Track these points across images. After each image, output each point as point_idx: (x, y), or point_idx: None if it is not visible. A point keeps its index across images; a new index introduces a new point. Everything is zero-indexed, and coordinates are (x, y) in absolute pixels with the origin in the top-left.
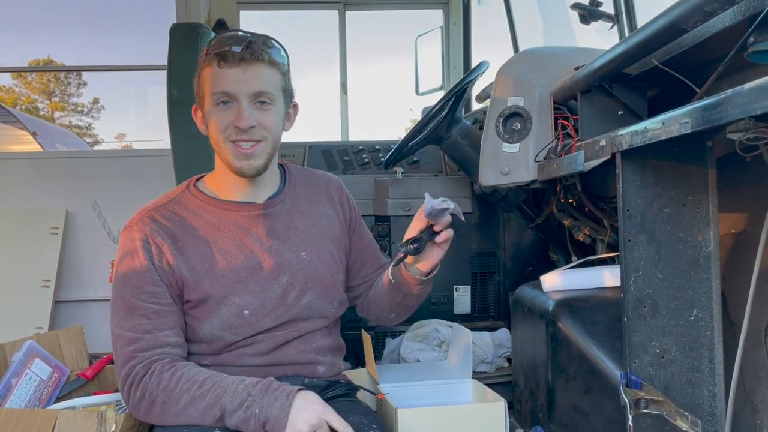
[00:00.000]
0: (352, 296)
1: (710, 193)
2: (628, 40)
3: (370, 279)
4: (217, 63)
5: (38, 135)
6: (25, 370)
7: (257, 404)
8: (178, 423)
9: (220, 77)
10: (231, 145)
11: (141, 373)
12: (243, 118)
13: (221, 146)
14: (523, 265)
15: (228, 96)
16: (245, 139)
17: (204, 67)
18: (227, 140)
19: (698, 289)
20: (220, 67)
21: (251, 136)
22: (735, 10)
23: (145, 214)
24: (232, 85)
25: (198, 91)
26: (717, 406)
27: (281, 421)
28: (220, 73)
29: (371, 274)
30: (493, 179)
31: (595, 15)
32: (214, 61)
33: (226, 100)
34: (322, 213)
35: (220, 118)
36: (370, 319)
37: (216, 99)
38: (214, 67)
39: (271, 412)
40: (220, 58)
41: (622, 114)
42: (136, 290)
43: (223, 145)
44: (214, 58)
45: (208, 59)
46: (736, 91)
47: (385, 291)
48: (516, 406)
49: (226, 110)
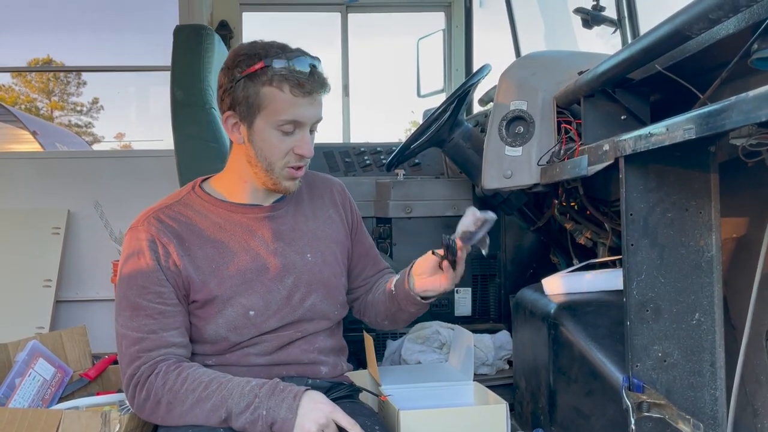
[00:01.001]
0: (351, 298)
1: (713, 197)
2: (633, 45)
3: (369, 282)
4: (290, 89)
5: (38, 134)
6: (29, 370)
7: (264, 406)
8: (183, 423)
9: (292, 105)
10: (287, 170)
11: (146, 373)
12: (309, 149)
13: (273, 168)
14: (524, 268)
15: (295, 125)
16: (301, 165)
17: (267, 85)
18: (285, 165)
19: (700, 293)
20: (294, 95)
21: (307, 162)
22: (739, 17)
23: (151, 214)
24: (303, 115)
25: (247, 101)
26: (718, 409)
27: (289, 422)
28: (293, 101)
29: (370, 278)
30: (495, 182)
31: (597, 20)
32: (286, 85)
33: (290, 129)
34: (325, 216)
35: (281, 144)
36: (364, 320)
37: (281, 125)
38: (285, 91)
39: (279, 413)
40: (295, 85)
41: (624, 119)
42: (142, 290)
43: (277, 168)
44: (285, 82)
45: (277, 80)
46: (741, 98)
47: (384, 298)
48: (517, 409)
49: (288, 137)
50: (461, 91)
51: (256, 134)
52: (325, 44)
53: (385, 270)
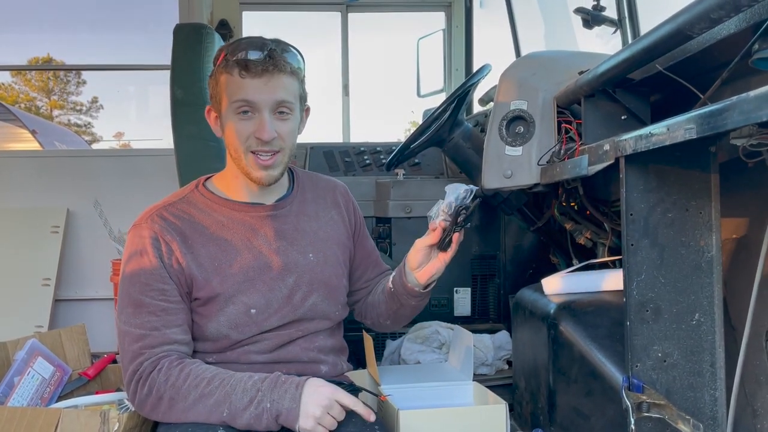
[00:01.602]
0: (352, 300)
1: (713, 198)
2: (634, 45)
3: (370, 285)
4: (239, 72)
5: (37, 133)
6: (28, 369)
7: (268, 398)
8: (185, 420)
9: (241, 86)
10: (251, 156)
11: (149, 369)
12: (266, 131)
13: (240, 155)
14: (524, 268)
15: (249, 105)
16: (265, 150)
17: (222, 73)
18: (247, 151)
19: (700, 294)
20: (242, 77)
21: (271, 147)
22: (740, 17)
23: (154, 212)
24: (254, 95)
25: (214, 94)
26: (718, 410)
27: (294, 412)
28: (242, 83)
29: (372, 279)
30: (496, 182)
31: (598, 20)
32: (235, 69)
33: (246, 109)
34: (328, 217)
35: (240, 128)
36: (366, 323)
37: (236, 107)
38: (234, 75)
39: (283, 404)
40: (242, 67)
41: (625, 119)
42: (145, 287)
43: (243, 155)
44: (235, 66)
45: (228, 66)
46: (742, 98)
47: (385, 298)
48: (516, 409)
49: (246, 120)
50: (461, 90)
51: (224, 123)
52: (325, 44)
53: (386, 272)
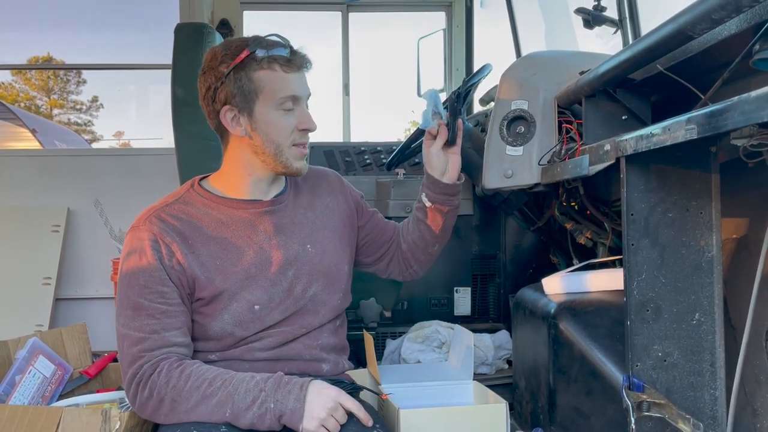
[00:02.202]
0: (383, 265)
1: (713, 198)
2: (635, 45)
3: (393, 241)
4: (281, 67)
5: (37, 132)
6: (29, 367)
7: (271, 399)
8: (187, 420)
9: (286, 81)
10: (294, 148)
11: (149, 371)
12: (312, 121)
13: (282, 149)
14: (524, 268)
15: (295, 100)
16: (306, 142)
17: (258, 70)
18: (291, 144)
19: (700, 294)
20: (285, 72)
21: (308, 138)
22: (741, 18)
23: (153, 213)
24: (299, 89)
25: (241, 91)
26: (718, 409)
27: (298, 413)
28: (286, 78)
29: (391, 238)
30: (496, 182)
31: (599, 20)
32: (275, 64)
33: (291, 105)
34: (324, 206)
35: (285, 123)
36: (410, 272)
37: (283, 103)
38: (277, 70)
39: (287, 405)
40: (284, 63)
41: (625, 119)
42: (143, 289)
43: (286, 149)
44: (275, 62)
45: (266, 62)
46: (742, 99)
47: (424, 226)
48: (516, 408)
49: (290, 114)
50: (462, 90)
51: (258, 121)
52: (325, 43)
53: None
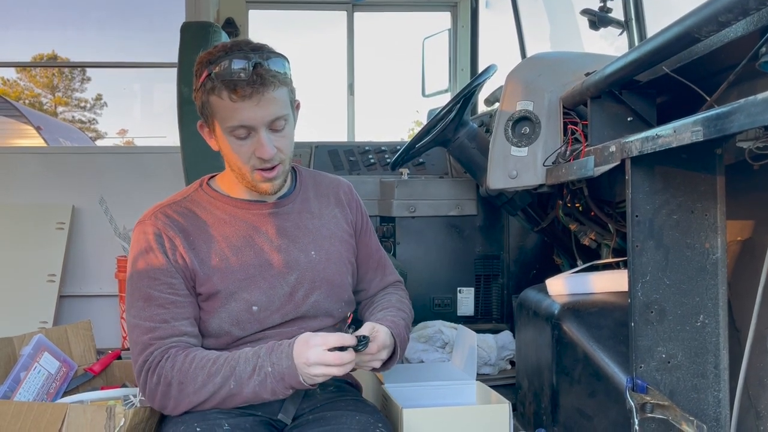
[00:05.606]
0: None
1: (719, 200)
2: (641, 47)
3: (370, 289)
4: (228, 95)
5: (42, 129)
6: (34, 364)
7: (268, 363)
8: (197, 401)
9: (234, 111)
10: (257, 173)
11: (157, 358)
12: (266, 151)
13: (245, 173)
14: (527, 269)
15: (246, 128)
16: (268, 167)
17: (211, 94)
18: (252, 170)
19: (705, 296)
20: (233, 101)
21: (273, 162)
22: (748, 20)
23: (159, 209)
24: (248, 118)
25: (203, 111)
26: (722, 411)
27: (291, 368)
28: (233, 107)
29: (371, 282)
30: (501, 182)
31: (604, 21)
32: (224, 92)
33: (243, 133)
34: (331, 215)
35: (240, 149)
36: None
37: (232, 131)
38: (224, 99)
39: (282, 364)
40: (230, 90)
41: (631, 120)
42: (153, 281)
43: (248, 173)
44: (223, 89)
45: (217, 88)
46: (749, 101)
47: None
48: (519, 409)
49: (245, 141)
50: (467, 90)
51: (219, 141)
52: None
53: (393, 285)
